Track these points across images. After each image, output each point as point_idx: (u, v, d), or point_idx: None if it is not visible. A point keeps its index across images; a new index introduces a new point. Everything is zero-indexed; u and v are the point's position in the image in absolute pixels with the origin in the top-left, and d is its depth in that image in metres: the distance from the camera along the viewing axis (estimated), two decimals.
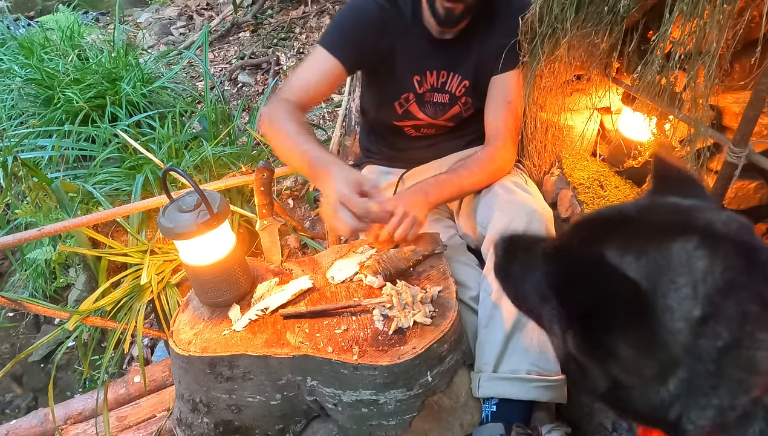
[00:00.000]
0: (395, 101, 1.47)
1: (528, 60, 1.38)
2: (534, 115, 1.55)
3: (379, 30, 1.36)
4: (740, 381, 0.47)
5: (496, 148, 1.39)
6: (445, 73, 1.42)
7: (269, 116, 1.28)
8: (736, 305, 0.48)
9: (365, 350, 1.03)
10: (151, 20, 4.86)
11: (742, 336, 0.47)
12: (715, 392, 0.48)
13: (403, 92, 1.45)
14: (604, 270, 0.52)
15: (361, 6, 1.38)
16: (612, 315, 0.50)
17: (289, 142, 1.22)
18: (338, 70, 1.35)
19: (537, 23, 1.31)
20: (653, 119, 1.31)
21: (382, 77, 1.46)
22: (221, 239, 1.11)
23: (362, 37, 1.36)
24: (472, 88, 1.43)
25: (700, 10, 0.98)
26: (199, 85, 3.35)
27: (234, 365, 1.06)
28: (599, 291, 0.51)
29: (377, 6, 1.35)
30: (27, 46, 3.03)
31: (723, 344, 0.47)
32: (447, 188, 1.32)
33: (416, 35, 1.38)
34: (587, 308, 0.51)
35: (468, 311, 1.28)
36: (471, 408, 1.18)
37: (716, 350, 0.47)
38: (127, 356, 2.23)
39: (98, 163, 2.18)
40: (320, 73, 1.36)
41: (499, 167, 1.41)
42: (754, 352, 0.47)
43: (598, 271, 0.52)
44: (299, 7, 4.37)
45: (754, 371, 0.47)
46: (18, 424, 1.57)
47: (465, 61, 1.40)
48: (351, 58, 1.37)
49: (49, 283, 2.46)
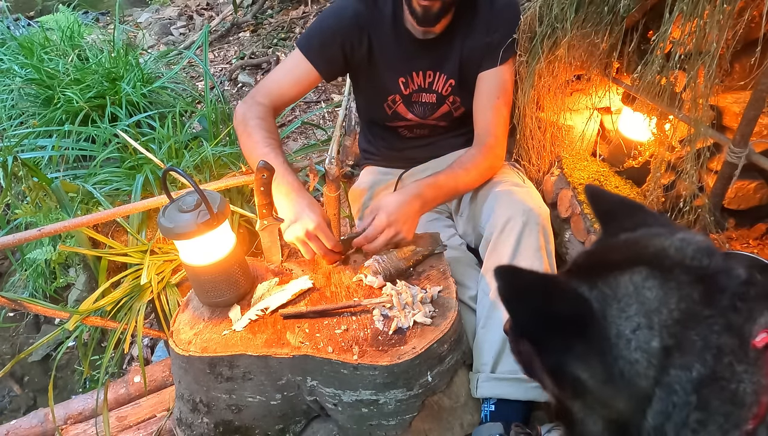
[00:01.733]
0: (383, 103, 1.48)
1: (527, 60, 1.38)
2: (534, 115, 1.55)
3: (358, 35, 1.38)
4: (728, 414, 0.47)
5: (489, 147, 1.39)
6: (431, 72, 1.43)
7: (243, 117, 1.35)
8: (699, 337, 0.47)
9: (365, 350, 1.03)
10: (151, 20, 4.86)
11: (721, 369, 0.46)
12: (704, 428, 0.47)
13: (389, 94, 1.46)
14: (552, 280, 0.54)
15: (340, 12, 1.39)
16: (565, 335, 0.51)
17: (258, 150, 1.28)
18: (313, 75, 1.40)
19: (536, 23, 1.31)
20: (653, 119, 1.31)
21: (366, 81, 1.47)
22: (221, 239, 1.11)
23: (340, 43, 1.38)
24: (458, 87, 1.44)
25: (700, 10, 0.98)
26: (199, 85, 3.35)
27: (234, 365, 1.06)
28: (548, 301, 0.51)
29: (356, 11, 1.36)
30: (27, 46, 3.03)
31: (698, 376, 0.46)
32: (444, 190, 1.32)
33: (398, 37, 1.38)
34: (539, 321, 0.52)
35: (468, 310, 1.28)
36: (471, 408, 1.18)
37: (691, 382, 0.47)
38: (127, 356, 2.23)
39: (98, 163, 2.17)
40: (295, 77, 1.41)
41: (492, 165, 1.41)
42: (737, 385, 0.46)
43: (545, 281, 0.54)
44: (299, 7, 4.37)
45: (740, 404, 0.46)
46: (18, 424, 1.57)
47: (449, 60, 1.40)
48: (328, 65, 1.41)
49: (49, 283, 2.46)
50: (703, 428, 0.47)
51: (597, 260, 0.59)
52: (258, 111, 1.35)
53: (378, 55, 1.41)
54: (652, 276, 0.50)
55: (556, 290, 0.54)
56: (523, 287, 0.52)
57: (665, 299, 0.49)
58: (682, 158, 1.21)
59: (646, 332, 0.48)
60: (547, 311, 0.51)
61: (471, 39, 1.38)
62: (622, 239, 0.59)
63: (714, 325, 0.47)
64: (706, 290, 0.49)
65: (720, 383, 0.47)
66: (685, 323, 0.48)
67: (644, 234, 0.58)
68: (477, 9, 1.36)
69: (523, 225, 1.23)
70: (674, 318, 0.48)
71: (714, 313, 0.48)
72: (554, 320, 0.51)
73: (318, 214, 1.18)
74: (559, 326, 0.51)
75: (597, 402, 0.53)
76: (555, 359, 0.52)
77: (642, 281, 0.50)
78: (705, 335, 0.47)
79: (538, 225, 1.23)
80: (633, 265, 0.52)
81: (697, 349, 0.47)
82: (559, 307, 0.52)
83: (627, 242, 0.58)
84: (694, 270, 0.51)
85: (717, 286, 0.49)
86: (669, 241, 0.54)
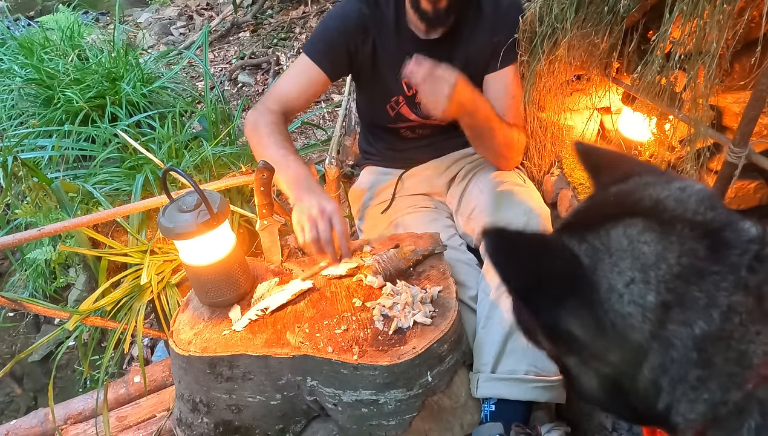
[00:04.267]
0: (386, 104, 1.48)
1: (528, 60, 1.38)
2: (534, 114, 1.55)
3: (362, 36, 1.38)
4: (732, 375, 0.45)
5: (519, 127, 1.41)
6: None
7: (255, 123, 1.34)
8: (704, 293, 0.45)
9: (365, 350, 1.03)
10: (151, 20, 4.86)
11: (730, 327, 0.45)
12: (704, 385, 0.46)
13: (393, 95, 1.46)
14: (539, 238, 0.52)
15: (343, 13, 1.39)
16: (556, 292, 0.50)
17: (271, 154, 1.26)
18: (322, 78, 1.40)
19: (537, 23, 1.31)
20: (653, 119, 1.31)
21: (369, 82, 1.47)
22: (221, 239, 1.11)
23: (345, 45, 1.39)
24: None
25: (700, 10, 0.98)
26: (199, 85, 3.35)
27: (234, 365, 1.06)
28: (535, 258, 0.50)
29: (359, 13, 1.37)
30: (27, 46, 3.03)
31: (701, 333, 0.45)
32: (481, 103, 1.27)
33: (402, 38, 1.38)
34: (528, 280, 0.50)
35: (468, 310, 1.28)
36: (471, 408, 1.18)
37: (692, 339, 0.45)
38: (127, 356, 2.23)
39: (98, 163, 2.17)
40: (304, 81, 1.40)
41: (518, 140, 1.41)
42: (747, 345, 0.45)
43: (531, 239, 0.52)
44: (299, 7, 4.37)
45: (747, 365, 0.45)
46: (18, 424, 1.57)
47: (453, 60, 1.40)
48: (334, 67, 1.41)
49: (49, 283, 2.46)
50: (703, 385, 0.46)
51: (587, 215, 0.56)
52: (270, 117, 1.34)
53: (381, 55, 1.41)
54: (650, 229, 0.48)
55: (543, 247, 0.52)
56: (509, 246, 0.51)
57: (664, 253, 0.47)
58: (682, 158, 1.21)
59: (641, 286, 0.47)
60: (535, 268, 0.50)
61: (476, 39, 1.38)
62: (613, 190, 0.56)
63: (722, 282, 0.45)
64: (712, 244, 0.46)
65: (728, 342, 0.45)
66: (688, 278, 0.46)
67: (637, 184, 0.54)
68: (481, 9, 1.36)
69: (524, 225, 1.23)
70: (674, 273, 0.46)
71: (721, 269, 0.45)
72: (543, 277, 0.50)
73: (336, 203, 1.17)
74: (548, 283, 0.50)
75: (591, 356, 0.52)
76: (547, 317, 0.51)
77: (638, 235, 0.48)
78: (710, 292, 0.45)
79: (538, 225, 1.24)
80: (627, 217, 0.50)
81: (700, 306, 0.45)
82: (546, 264, 0.50)
83: (619, 193, 0.55)
84: (698, 224, 0.48)
85: (724, 241, 0.47)
86: (666, 191, 0.51)
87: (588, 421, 1.26)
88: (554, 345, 0.55)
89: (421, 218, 1.49)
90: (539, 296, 0.51)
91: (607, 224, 0.50)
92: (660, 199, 0.50)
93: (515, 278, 0.51)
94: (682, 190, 0.50)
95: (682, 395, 0.48)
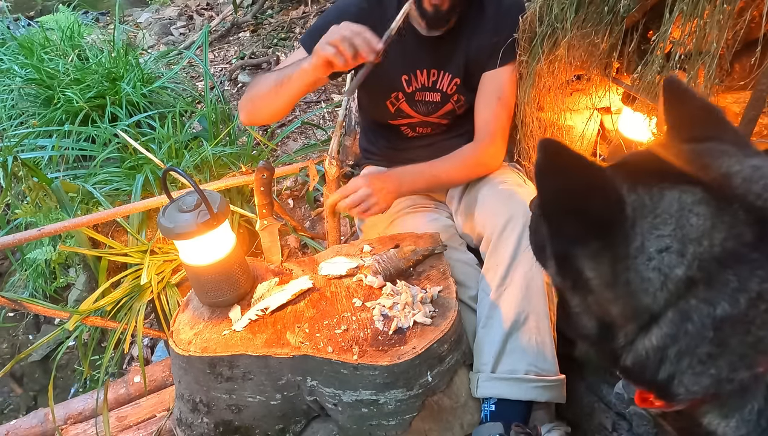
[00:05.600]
0: (386, 100, 1.48)
1: (528, 59, 1.38)
2: (534, 114, 1.55)
3: None
4: (743, 356, 0.45)
5: (483, 145, 1.41)
6: (435, 71, 1.42)
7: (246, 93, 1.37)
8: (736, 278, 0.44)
9: (365, 350, 1.03)
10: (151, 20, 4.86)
11: (754, 314, 0.44)
12: (713, 361, 0.46)
13: (392, 91, 1.46)
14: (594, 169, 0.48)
15: (344, 8, 1.39)
16: (585, 229, 0.47)
17: (273, 77, 1.28)
18: None
19: (537, 23, 1.31)
20: (653, 119, 1.31)
21: (370, 77, 1.46)
22: (221, 239, 1.11)
23: None
24: (463, 86, 1.44)
25: (700, 10, 0.98)
26: (199, 85, 3.35)
27: (234, 365, 1.06)
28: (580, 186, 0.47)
29: (359, 8, 1.36)
30: (27, 46, 3.03)
31: (723, 314, 0.44)
32: (422, 179, 1.36)
33: (403, 34, 1.38)
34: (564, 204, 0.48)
35: (468, 310, 1.28)
36: (471, 408, 1.18)
37: (711, 318, 0.45)
38: (127, 356, 2.23)
39: (98, 163, 2.18)
40: None
41: (483, 163, 1.42)
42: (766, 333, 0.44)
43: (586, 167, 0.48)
44: (299, 7, 4.37)
45: (762, 351, 0.44)
46: (18, 424, 1.57)
47: (454, 58, 1.40)
48: None
49: (49, 283, 2.46)
50: (712, 362, 0.46)
51: (648, 165, 0.52)
52: None
53: None
54: (705, 202, 0.45)
55: (593, 179, 0.48)
56: (561, 164, 0.47)
57: (711, 232, 0.44)
58: None
59: (673, 257, 0.45)
60: (576, 195, 0.47)
61: (477, 38, 1.38)
62: (684, 148, 0.52)
63: (758, 269, 0.44)
64: (760, 232, 0.44)
65: (748, 326, 0.44)
66: (725, 261, 0.44)
67: (712, 150, 0.50)
68: (484, 8, 1.36)
69: (524, 225, 1.23)
70: (713, 254, 0.44)
71: (760, 257, 0.44)
72: (579, 207, 0.47)
73: None
74: (581, 216, 0.47)
75: (595, 302, 0.51)
76: (564, 248, 0.49)
77: (691, 205, 0.45)
78: (744, 277, 0.44)
79: None
80: (686, 183, 0.47)
81: (729, 289, 0.44)
82: (589, 197, 0.47)
83: (689, 153, 0.51)
84: (755, 209, 0.45)
85: None
86: (738, 166, 0.47)
87: (588, 421, 1.26)
88: (560, 275, 0.53)
89: (421, 218, 1.48)
90: (566, 222, 0.48)
91: (664, 182, 0.48)
92: (729, 173, 0.47)
93: (551, 192, 0.48)
94: (755, 169, 0.47)
95: (688, 367, 0.47)
